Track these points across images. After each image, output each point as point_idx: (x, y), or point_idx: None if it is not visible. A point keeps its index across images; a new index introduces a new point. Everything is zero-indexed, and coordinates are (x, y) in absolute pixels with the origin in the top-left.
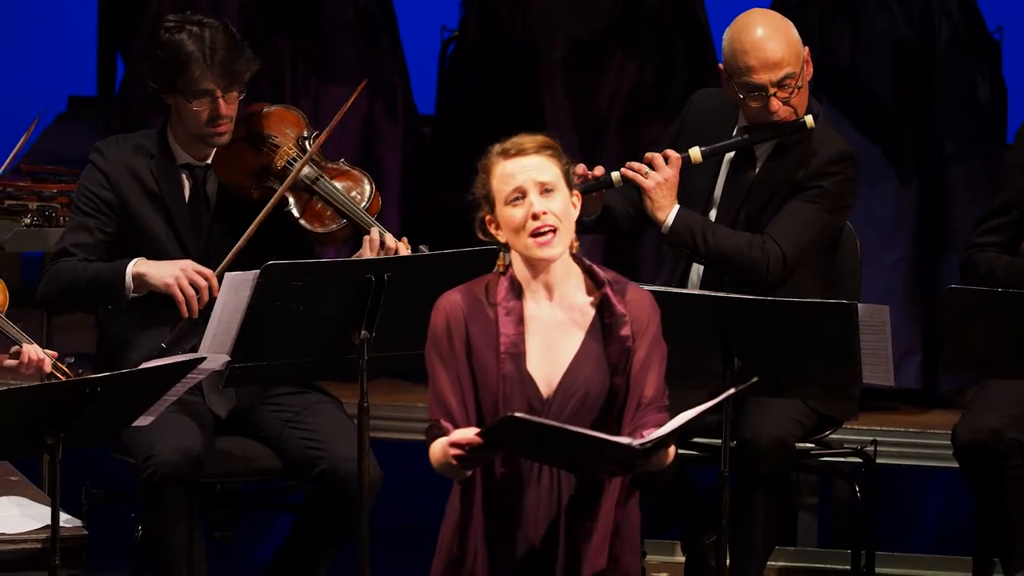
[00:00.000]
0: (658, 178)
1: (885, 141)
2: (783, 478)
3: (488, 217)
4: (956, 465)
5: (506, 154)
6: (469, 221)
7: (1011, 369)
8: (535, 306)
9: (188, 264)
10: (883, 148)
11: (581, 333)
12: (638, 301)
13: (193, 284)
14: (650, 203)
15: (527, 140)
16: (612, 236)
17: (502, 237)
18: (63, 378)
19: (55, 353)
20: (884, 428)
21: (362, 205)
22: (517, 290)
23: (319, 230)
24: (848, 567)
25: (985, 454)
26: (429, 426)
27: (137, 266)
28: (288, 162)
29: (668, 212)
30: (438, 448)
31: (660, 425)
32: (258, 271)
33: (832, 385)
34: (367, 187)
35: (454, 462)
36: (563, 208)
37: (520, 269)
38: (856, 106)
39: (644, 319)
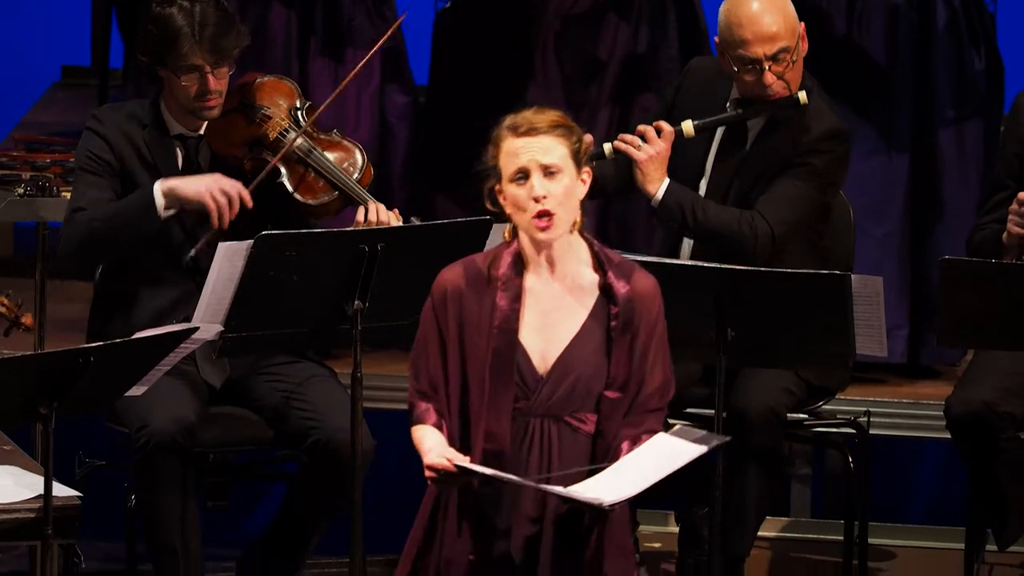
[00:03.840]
0: (650, 151)
1: (879, 112)
2: (775, 448)
3: (498, 187)
4: (949, 436)
5: (515, 130)
6: (464, 189)
7: (1005, 340)
8: (537, 281)
9: (218, 176)
10: (876, 119)
11: (584, 312)
12: (643, 287)
13: (225, 193)
14: (641, 176)
15: (538, 118)
16: (606, 204)
17: (507, 210)
18: (2, 310)
19: None
20: (877, 399)
21: (354, 177)
22: (519, 265)
23: (311, 202)
24: (841, 537)
25: (978, 426)
26: (412, 403)
27: (164, 182)
28: (281, 133)
29: (658, 186)
30: (417, 442)
31: (654, 431)
32: (251, 241)
33: (825, 356)
34: (359, 158)
35: (427, 474)
36: (566, 191)
37: (525, 243)
38: (850, 76)
39: (648, 307)
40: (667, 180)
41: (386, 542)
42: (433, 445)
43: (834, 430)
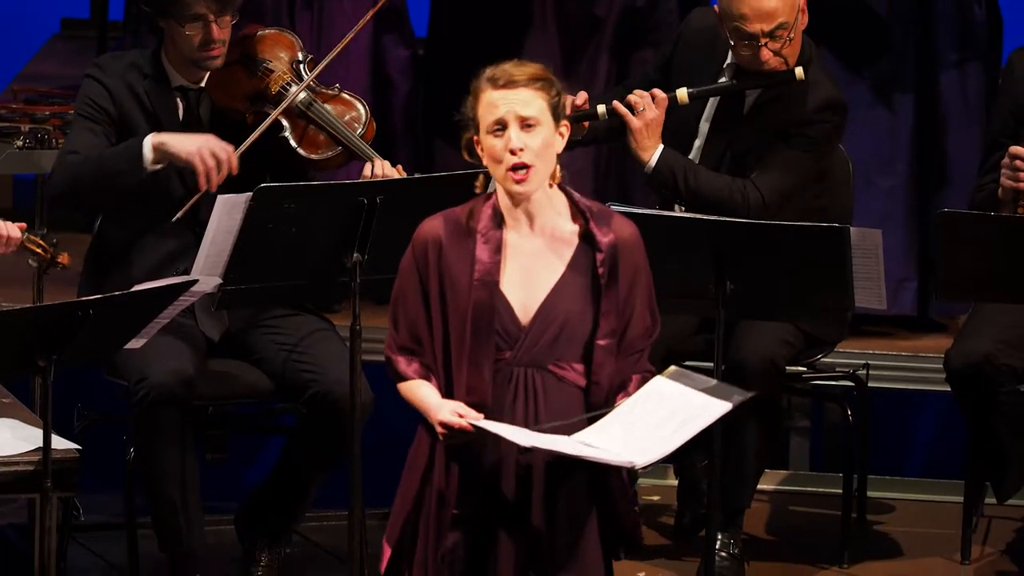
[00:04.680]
0: (645, 118)
1: (881, 64)
2: (774, 401)
3: (476, 138)
4: (948, 389)
5: (494, 82)
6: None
7: (1004, 293)
8: (516, 234)
9: (209, 137)
10: (878, 72)
11: (562, 265)
12: (623, 232)
13: (215, 156)
14: (635, 143)
15: (517, 71)
16: (603, 160)
17: (485, 162)
18: (39, 251)
19: (23, 225)
20: (876, 352)
21: (357, 132)
22: (499, 217)
23: (314, 156)
24: (840, 491)
25: (978, 379)
26: (392, 357)
27: (157, 136)
28: (283, 87)
29: (652, 153)
30: (414, 398)
31: (644, 376)
32: (250, 194)
33: (824, 309)
34: (363, 113)
35: (439, 430)
36: (543, 144)
37: (502, 196)
38: (852, 30)
39: (630, 250)
40: (661, 147)
41: (385, 495)
42: (441, 402)
43: (833, 383)
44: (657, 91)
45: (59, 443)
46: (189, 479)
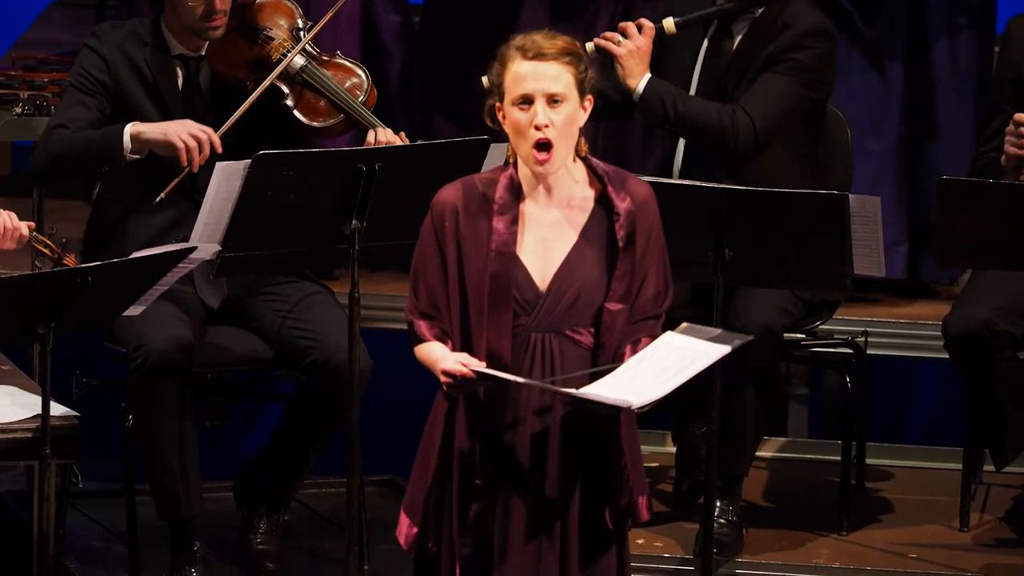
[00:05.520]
0: (630, 46)
1: (873, 29)
2: (772, 368)
3: (498, 105)
4: (947, 356)
5: (524, 53)
6: (461, 109)
7: (1002, 260)
8: (533, 204)
9: (187, 121)
10: (870, 36)
11: (578, 227)
12: (640, 195)
13: (194, 137)
14: (621, 71)
15: (547, 44)
16: (600, 136)
17: (507, 130)
18: (46, 251)
19: (32, 224)
20: (874, 319)
21: (359, 99)
22: (517, 187)
23: (316, 124)
24: (838, 458)
25: (976, 346)
26: (412, 321)
27: (135, 126)
28: (283, 54)
29: (639, 80)
30: (426, 356)
31: (654, 337)
32: (249, 161)
33: (823, 275)
34: (364, 80)
35: (443, 380)
36: (567, 120)
37: (523, 171)
38: None
39: (646, 214)
40: (648, 74)
41: (383, 462)
42: (445, 354)
43: (832, 350)
44: (643, 20)
45: (58, 410)
46: (188, 446)
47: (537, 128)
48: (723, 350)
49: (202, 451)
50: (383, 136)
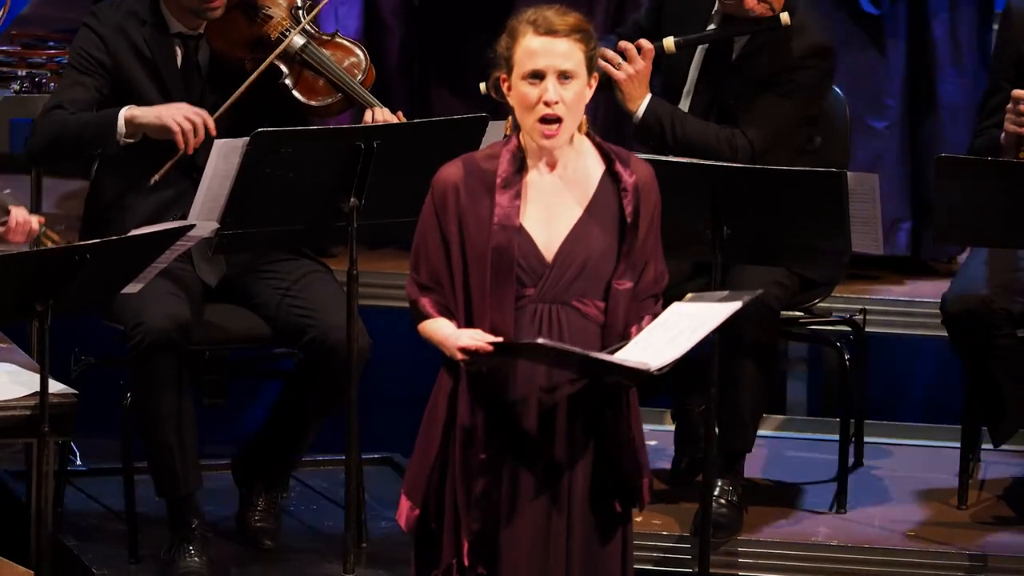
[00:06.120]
0: (630, 70)
1: (873, 4)
2: (769, 342)
3: (503, 77)
4: (945, 334)
5: (536, 28)
6: (460, 85)
7: (1000, 237)
8: (537, 175)
9: (182, 104)
10: (871, 12)
11: (583, 204)
12: (644, 174)
13: (188, 119)
14: (622, 95)
15: (559, 20)
16: (599, 110)
17: (512, 102)
18: (51, 245)
19: (42, 219)
20: (873, 297)
21: (357, 79)
22: (520, 161)
23: (314, 103)
24: (837, 436)
25: (974, 323)
26: (414, 298)
27: (129, 110)
28: (282, 33)
29: (639, 103)
30: (432, 333)
31: (656, 315)
32: (247, 138)
33: (822, 253)
34: (362, 59)
35: (459, 357)
36: (576, 96)
37: (527, 143)
38: None
39: (649, 193)
40: (648, 97)
41: (381, 440)
42: (458, 331)
43: (830, 328)
44: (643, 41)
45: (56, 388)
46: (186, 424)
47: (547, 104)
48: (734, 306)
49: (200, 429)
50: (380, 116)
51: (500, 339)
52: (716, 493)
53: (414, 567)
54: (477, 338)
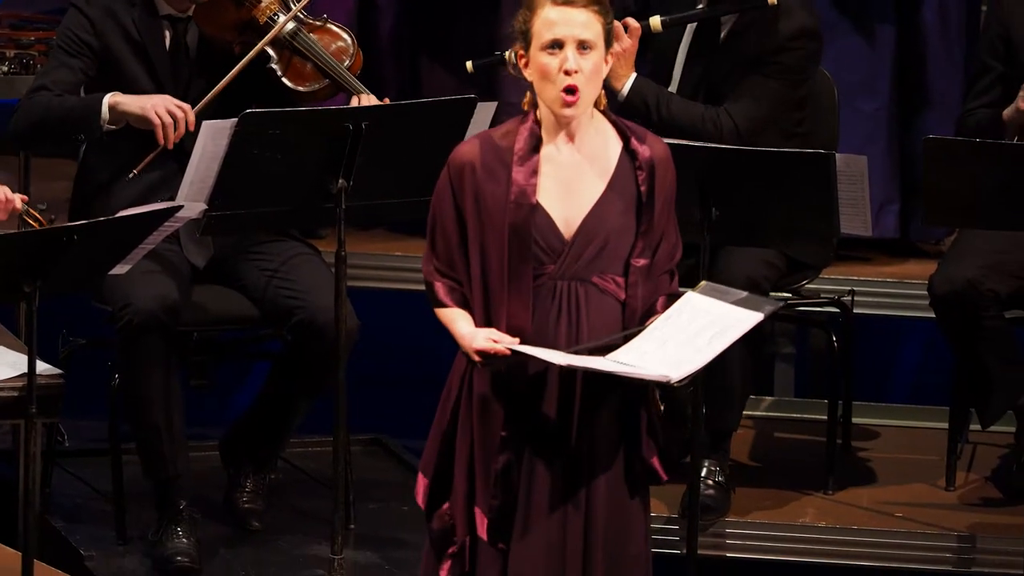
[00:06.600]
0: (616, 48)
1: None
2: (758, 325)
3: (520, 52)
4: (933, 315)
5: None
6: (451, 67)
7: (989, 219)
8: (555, 150)
9: (166, 96)
10: None
11: (603, 180)
12: (660, 150)
13: (170, 114)
14: (607, 73)
15: None
16: None
17: (530, 77)
18: (35, 224)
19: (25, 197)
20: (861, 278)
21: (345, 64)
22: (536, 137)
23: (301, 88)
24: (825, 417)
25: (962, 304)
26: (431, 281)
27: (114, 96)
28: (270, 17)
29: (624, 81)
30: (448, 323)
31: (671, 293)
32: (235, 119)
33: (810, 235)
34: (349, 45)
35: (476, 359)
36: (594, 67)
37: (546, 117)
38: None
39: (665, 169)
40: (633, 75)
41: (369, 422)
42: (474, 331)
43: (818, 309)
44: (630, 20)
45: (44, 369)
46: (174, 405)
47: (567, 73)
48: (756, 317)
49: (188, 410)
50: (367, 102)
51: (515, 342)
52: (704, 474)
53: (427, 543)
54: (492, 339)
